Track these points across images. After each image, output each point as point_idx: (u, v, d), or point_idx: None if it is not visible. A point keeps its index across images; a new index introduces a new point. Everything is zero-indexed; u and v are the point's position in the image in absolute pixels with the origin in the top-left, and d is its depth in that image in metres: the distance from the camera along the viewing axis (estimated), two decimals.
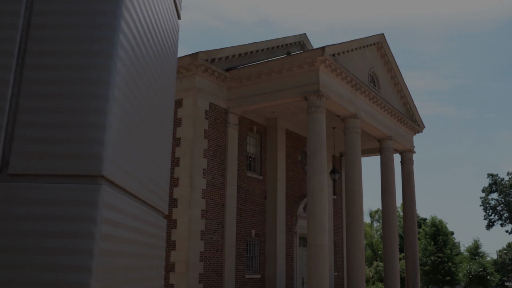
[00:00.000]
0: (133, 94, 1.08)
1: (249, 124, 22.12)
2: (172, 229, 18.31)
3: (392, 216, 24.32)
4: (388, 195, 24.50)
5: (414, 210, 27.08)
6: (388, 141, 24.83)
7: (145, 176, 1.31)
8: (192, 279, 17.65)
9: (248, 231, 21.07)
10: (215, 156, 19.62)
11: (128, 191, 1.17)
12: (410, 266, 26.41)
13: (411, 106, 27.38)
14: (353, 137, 21.01)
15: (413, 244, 26.57)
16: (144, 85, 1.15)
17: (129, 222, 1.20)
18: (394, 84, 26.13)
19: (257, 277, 21.23)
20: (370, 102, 22.58)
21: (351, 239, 20.08)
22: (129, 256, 1.21)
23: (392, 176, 24.82)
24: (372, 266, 54.99)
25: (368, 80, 22.93)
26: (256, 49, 22.52)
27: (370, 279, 53.09)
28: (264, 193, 22.43)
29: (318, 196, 17.62)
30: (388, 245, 23.93)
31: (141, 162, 1.27)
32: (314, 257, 17.17)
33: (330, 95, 19.08)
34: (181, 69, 19.36)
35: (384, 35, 24.02)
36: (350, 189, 20.62)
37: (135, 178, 1.20)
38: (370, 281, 52.71)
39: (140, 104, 1.16)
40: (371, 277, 53.22)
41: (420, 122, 28.33)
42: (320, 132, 18.28)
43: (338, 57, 20.09)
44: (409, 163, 27.73)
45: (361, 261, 19.85)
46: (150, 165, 1.38)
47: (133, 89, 1.07)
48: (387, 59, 24.89)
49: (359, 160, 20.98)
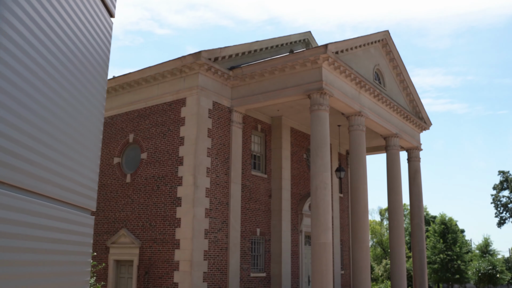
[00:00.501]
0: (28, 96, 1.09)
1: (253, 122, 22.12)
2: (176, 228, 18.38)
3: (399, 214, 24.19)
4: (394, 193, 24.37)
5: (421, 207, 26.90)
6: (394, 138, 24.70)
7: (57, 176, 1.33)
8: (196, 277, 17.71)
9: (253, 230, 21.09)
10: (219, 154, 19.65)
11: (30, 190, 1.19)
12: (417, 264, 26.25)
13: (418, 103, 27.18)
14: (358, 135, 20.92)
15: (420, 242, 26.40)
16: (46, 85, 1.16)
17: (29, 220, 1.21)
18: (400, 81, 25.97)
19: (262, 275, 21.24)
20: (375, 100, 22.46)
21: (356, 238, 20.01)
22: (33, 251, 1.22)
23: (398, 174, 24.67)
24: (382, 264, 54.71)
25: (373, 77, 22.82)
26: (260, 48, 22.51)
27: (380, 277, 52.84)
28: (269, 191, 22.43)
29: (322, 194, 17.58)
30: (394, 243, 23.81)
31: (51, 163, 1.28)
32: (318, 255, 17.13)
33: (334, 93, 19.02)
34: (185, 68, 19.40)
35: (389, 32, 23.87)
36: (355, 187, 20.54)
37: (39, 178, 1.22)
38: (379, 279, 52.47)
39: (43, 105, 1.17)
40: (380, 275, 52.97)
41: (426, 119, 28.13)
42: (324, 130, 18.23)
43: (341, 54, 20.01)
44: (416, 160, 27.56)
45: (366, 259, 19.77)
46: (65, 166, 1.39)
47: (28, 90, 1.08)
48: (392, 56, 24.74)
49: (364, 157, 20.89)
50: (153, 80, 20.52)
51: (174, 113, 19.65)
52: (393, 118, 24.57)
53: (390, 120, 24.21)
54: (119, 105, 21.77)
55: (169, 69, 19.71)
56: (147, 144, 20.25)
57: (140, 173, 20.22)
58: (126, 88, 21.48)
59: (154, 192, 19.50)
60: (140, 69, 20.55)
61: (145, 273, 18.83)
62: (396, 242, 23.77)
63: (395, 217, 24.13)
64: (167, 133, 19.67)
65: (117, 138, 21.54)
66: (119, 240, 20.12)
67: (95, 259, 20.87)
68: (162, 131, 19.87)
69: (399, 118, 25.26)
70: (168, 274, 18.18)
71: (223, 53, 20.02)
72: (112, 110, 22.00)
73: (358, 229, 20.02)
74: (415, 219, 26.77)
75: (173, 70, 19.68)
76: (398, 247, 23.72)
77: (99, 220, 21.25)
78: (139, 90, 21.16)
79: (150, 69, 20.22)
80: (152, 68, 20.17)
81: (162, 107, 20.12)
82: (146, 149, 20.23)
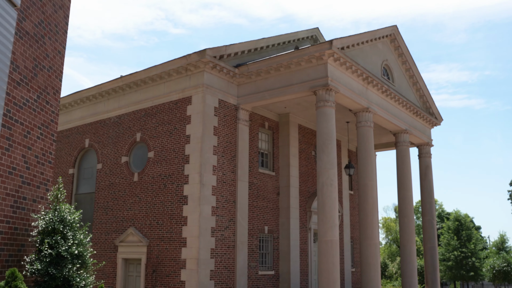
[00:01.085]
0: None
1: (260, 120, 22.03)
2: (182, 226, 18.38)
3: (409, 211, 23.91)
4: (404, 190, 24.10)
5: (433, 204, 26.57)
6: (404, 134, 24.41)
7: None
8: (203, 275, 17.69)
9: (261, 228, 21.01)
10: (225, 152, 19.61)
11: None
12: (429, 261, 25.95)
13: (428, 99, 26.82)
14: (366, 131, 20.70)
15: (432, 239, 26.08)
16: None
17: None
18: (410, 76, 25.65)
19: (270, 273, 21.17)
20: (383, 95, 22.21)
21: (365, 235, 19.82)
22: None
23: (408, 170, 24.39)
24: (395, 261, 54.23)
25: (381, 73, 22.56)
26: (267, 44, 22.38)
27: (394, 274, 52.39)
28: (277, 189, 22.33)
29: (328, 191, 17.43)
30: (405, 240, 23.55)
31: None
32: (324, 253, 17.00)
33: (340, 89, 18.83)
34: (190, 66, 19.38)
35: (397, 27, 23.56)
36: (363, 184, 20.34)
37: None
38: (393, 276, 52.01)
39: None
40: (395, 272, 52.52)
41: (437, 114, 27.75)
42: (330, 126, 18.07)
43: (348, 50, 19.80)
44: (427, 156, 27.23)
45: (375, 256, 19.58)
46: None
47: None
48: (401, 52, 24.42)
49: (372, 154, 20.67)
50: (160, 79, 20.54)
51: (180, 111, 19.64)
52: (402, 114, 24.28)
53: (399, 116, 23.93)
54: (127, 104, 21.84)
55: (175, 68, 19.70)
56: (154, 143, 20.29)
57: (147, 171, 20.27)
58: (133, 87, 21.54)
59: (161, 190, 19.53)
60: (146, 68, 20.59)
61: (152, 271, 18.88)
62: (406, 239, 23.51)
63: (405, 213, 23.86)
64: (173, 132, 19.68)
65: (124, 137, 21.63)
66: (127, 238, 20.20)
67: (103, 258, 20.99)
68: (168, 129, 19.89)
69: (408, 114, 24.96)
70: (175, 272, 18.20)
71: (229, 50, 19.94)
72: (120, 109, 22.09)
73: (367, 226, 19.82)
74: (426, 216, 26.45)
75: (178, 68, 19.68)
76: (408, 244, 23.46)
77: (108, 219, 21.36)
78: (146, 89, 21.20)
79: (156, 67, 20.24)
80: (158, 67, 20.18)
81: (169, 106, 20.13)
82: (153, 148, 20.27)
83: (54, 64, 11.82)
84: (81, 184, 23.75)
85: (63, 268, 9.34)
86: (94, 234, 21.78)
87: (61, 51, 12.18)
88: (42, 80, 11.23)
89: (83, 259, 9.89)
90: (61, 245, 9.50)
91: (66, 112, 24.96)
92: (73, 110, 24.59)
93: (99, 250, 21.38)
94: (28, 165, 10.35)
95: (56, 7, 11.80)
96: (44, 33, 11.21)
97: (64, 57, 12.33)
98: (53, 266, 9.31)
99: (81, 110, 24.16)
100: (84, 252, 9.93)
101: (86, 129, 23.73)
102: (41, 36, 11.04)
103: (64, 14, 12.31)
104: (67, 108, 24.79)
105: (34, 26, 10.70)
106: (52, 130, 11.55)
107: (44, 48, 11.30)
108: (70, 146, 24.33)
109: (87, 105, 23.86)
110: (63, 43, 12.28)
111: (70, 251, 9.58)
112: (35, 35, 10.77)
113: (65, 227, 9.82)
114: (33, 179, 10.53)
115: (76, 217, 10.12)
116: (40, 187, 10.82)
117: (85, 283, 9.64)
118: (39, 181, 10.77)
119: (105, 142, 22.54)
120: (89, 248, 10.27)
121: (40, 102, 11.15)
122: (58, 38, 11.99)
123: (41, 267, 9.18)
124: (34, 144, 10.69)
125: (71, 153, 24.17)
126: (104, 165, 22.28)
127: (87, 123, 23.69)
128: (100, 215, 21.81)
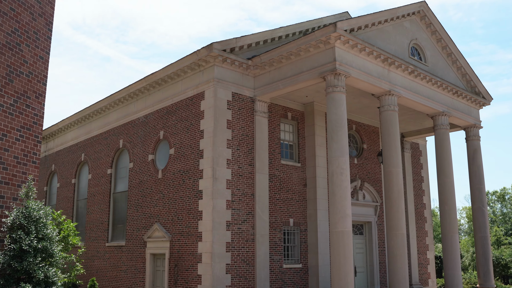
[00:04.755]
0: None
1: (282, 111, 21.59)
2: (198, 221, 18.51)
3: (450, 198, 22.31)
4: (444, 175, 22.52)
5: (483, 190, 24.61)
6: (442, 117, 22.81)
7: None
8: (217, 269, 17.69)
9: (285, 220, 20.61)
10: (241, 146, 19.45)
11: None
12: (480, 252, 24.07)
13: (472, 77, 24.83)
14: (389, 115, 19.60)
15: (482, 228, 24.17)
16: None
17: None
18: (447, 55, 23.89)
19: (298, 266, 20.71)
20: (410, 77, 20.88)
21: (391, 225, 18.77)
22: None
23: (448, 155, 22.76)
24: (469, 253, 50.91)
25: (408, 53, 21.23)
26: (286, 33, 21.81)
27: (468, 266, 49.23)
28: (303, 180, 21.79)
29: (339, 180, 16.71)
30: (446, 229, 22.02)
31: None
32: (336, 245, 16.32)
33: (352, 73, 17.97)
34: (201, 62, 19.45)
35: (426, 2, 22.00)
36: (387, 171, 19.27)
37: None
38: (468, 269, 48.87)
39: None
40: (468, 264, 49.32)
41: (485, 93, 25.61)
42: (339, 112, 17.30)
43: (362, 31, 18.85)
44: (475, 139, 25.25)
45: (402, 247, 18.47)
46: None
47: None
48: (434, 29, 22.81)
49: (397, 139, 19.53)
50: (177, 76, 20.83)
51: (195, 107, 19.79)
52: (438, 95, 22.67)
53: (435, 98, 22.37)
54: (152, 103, 22.39)
55: (188, 64, 19.87)
56: (174, 140, 20.62)
57: (169, 168, 20.65)
58: (156, 86, 22.02)
59: (180, 186, 19.80)
60: (163, 67, 20.96)
61: (174, 265, 19.21)
62: (447, 229, 21.97)
63: (446, 201, 22.29)
64: (190, 128, 19.87)
65: (150, 136, 22.18)
66: (154, 234, 20.71)
67: (136, 253, 21.69)
68: (185, 126, 20.11)
69: (447, 95, 23.26)
70: (193, 266, 18.38)
71: (240, 42, 19.75)
72: (146, 109, 22.69)
73: (392, 216, 18.76)
74: (476, 203, 24.55)
75: (191, 65, 19.82)
76: (450, 233, 21.90)
77: (138, 216, 22.04)
78: (167, 87, 21.59)
79: (172, 66, 20.53)
80: (174, 65, 20.47)
81: (185, 102, 20.36)
82: (173, 145, 20.60)
83: (35, 70, 12.32)
84: (118, 183, 24.72)
85: (24, 261, 9.73)
86: (128, 231, 22.57)
87: (44, 56, 12.66)
88: (20, 85, 11.74)
89: (47, 253, 10.24)
90: (23, 239, 9.90)
91: (104, 116, 26.10)
92: (110, 113, 25.63)
93: (132, 246, 22.12)
94: (6, 166, 10.91)
95: (34, 15, 12.31)
96: (20, 41, 11.73)
97: (48, 62, 12.79)
98: (15, 259, 9.74)
99: (116, 112, 25.12)
100: (49, 247, 10.27)
101: (120, 130, 24.65)
102: (16, 44, 11.57)
103: (46, 21, 12.79)
104: (104, 111, 25.90)
105: (6, 35, 11.26)
106: (36, 132, 12.05)
107: (21, 55, 11.82)
108: (108, 147, 25.40)
109: (120, 107, 24.77)
110: (45, 49, 12.74)
111: (32, 245, 9.96)
112: (7, 43, 11.32)
113: (29, 222, 10.21)
114: (13, 179, 11.09)
115: (42, 213, 10.49)
116: (21, 186, 11.37)
117: (47, 275, 9.99)
118: (21, 180, 11.33)
119: (135, 141, 23.27)
120: (56, 242, 10.61)
121: (18, 106, 11.68)
122: (39, 45, 12.47)
123: (4, 260, 9.64)
124: (12, 146, 11.24)
125: (109, 154, 25.22)
126: (135, 164, 23.01)
127: (121, 124, 24.58)
128: (132, 212, 22.56)
